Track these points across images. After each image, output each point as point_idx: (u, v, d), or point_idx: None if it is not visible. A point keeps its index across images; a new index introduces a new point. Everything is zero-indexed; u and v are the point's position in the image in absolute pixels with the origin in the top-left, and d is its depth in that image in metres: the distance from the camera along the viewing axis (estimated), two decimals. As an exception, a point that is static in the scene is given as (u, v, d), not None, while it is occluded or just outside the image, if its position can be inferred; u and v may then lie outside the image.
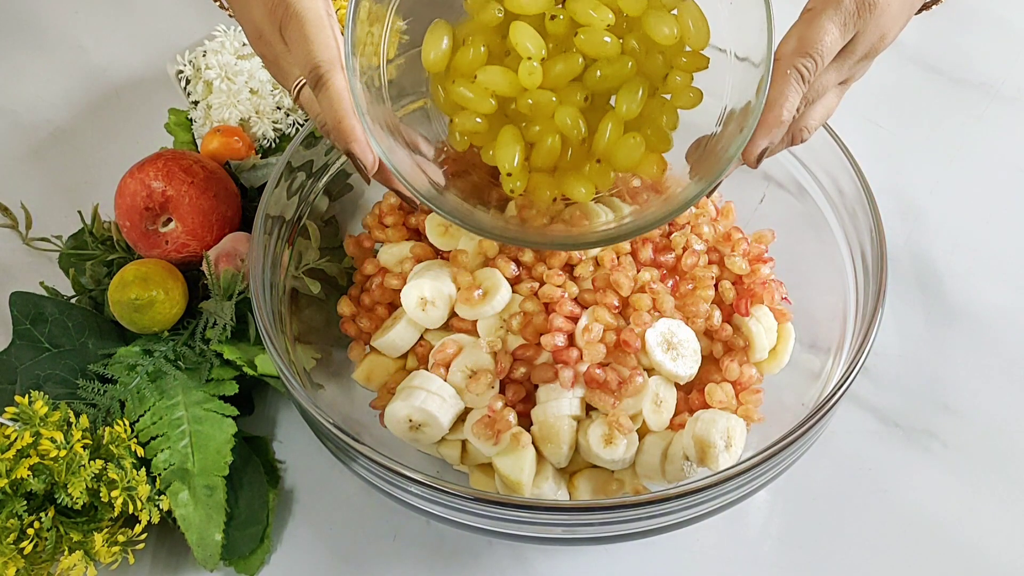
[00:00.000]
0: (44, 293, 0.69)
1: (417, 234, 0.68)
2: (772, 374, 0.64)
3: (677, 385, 0.61)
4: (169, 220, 0.68)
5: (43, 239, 0.73)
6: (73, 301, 0.69)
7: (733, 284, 0.64)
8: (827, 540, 0.62)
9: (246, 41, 0.77)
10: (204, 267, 0.67)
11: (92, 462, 0.58)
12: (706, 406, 0.60)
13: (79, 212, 0.73)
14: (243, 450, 0.63)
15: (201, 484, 0.61)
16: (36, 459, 0.56)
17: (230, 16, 0.53)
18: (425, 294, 0.61)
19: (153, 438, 0.62)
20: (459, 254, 0.63)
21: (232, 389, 0.64)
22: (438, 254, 0.66)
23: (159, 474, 0.61)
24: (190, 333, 0.66)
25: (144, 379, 0.64)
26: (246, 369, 0.64)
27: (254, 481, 0.63)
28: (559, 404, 0.59)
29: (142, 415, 0.62)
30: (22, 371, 0.64)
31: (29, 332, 0.66)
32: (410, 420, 0.58)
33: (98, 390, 0.63)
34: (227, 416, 0.63)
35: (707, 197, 0.57)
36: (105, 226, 0.72)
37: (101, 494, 0.57)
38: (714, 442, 0.57)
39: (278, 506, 0.64)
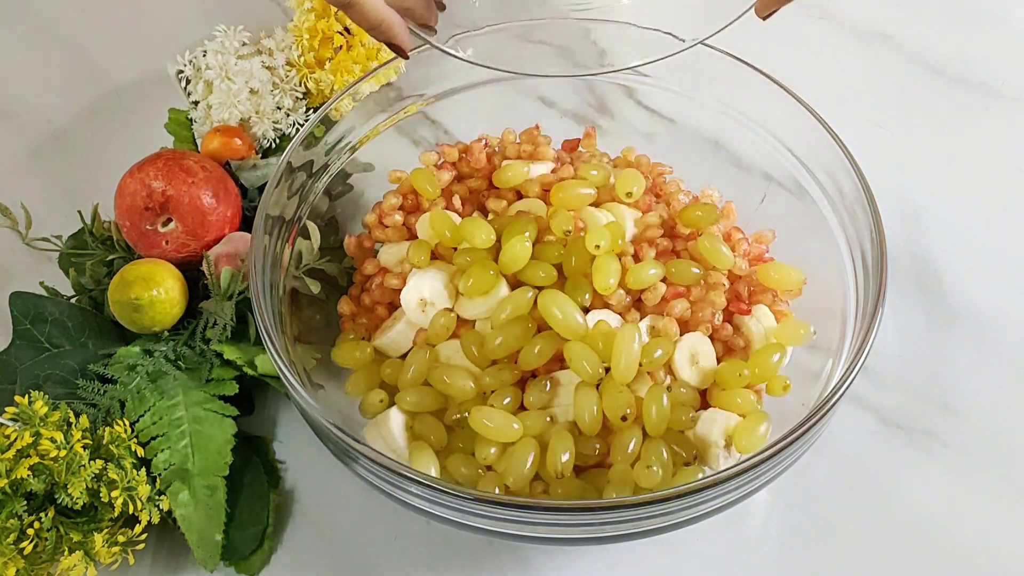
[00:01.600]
0: (44, 293, 0.69)
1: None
2: (772, 374, 0.64)
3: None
4: (169, 220, 0.68)
5: (43, 239, 0.73)
6: (73, 301, 0.69)
7: (733, 284, 0.64)
8: (827, 540, 0.62)
9: (246, 41, 0.77)
10: (204, 267, 0.67)
11: (92, 462, 0.58)
12: (706, 406, 0.60)
13: (79, 212, 0.73)
14: (243, 450, 0.63)
15: (201, 484, 0.61)
16: (36, 459, 0.56)
17: None
18: (425, 295, 0.62)
19: (153, 438, 0.62)
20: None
21: (232, 389, 0.64)
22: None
23: (159, 474, 0.61)
24: (190, 333, 0.66)
25: (144, 379, 0.64)
26: (246, 369, 0.64)
27: (254, 481, 0.63)
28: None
29: (142, 415, 0.62)
30: (22, 371, 0.64)
31: (29, 332, 0.66)
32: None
33: (98, 390, 0.63)
34: (227, 416, 0.63)
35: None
36: (105, 226, 0.72)
37: (101, 494, 0.57)
38: (714, 442, 0.57)
39: (279, 506, 0.63)
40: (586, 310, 0.60)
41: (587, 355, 0.57)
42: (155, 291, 0.64)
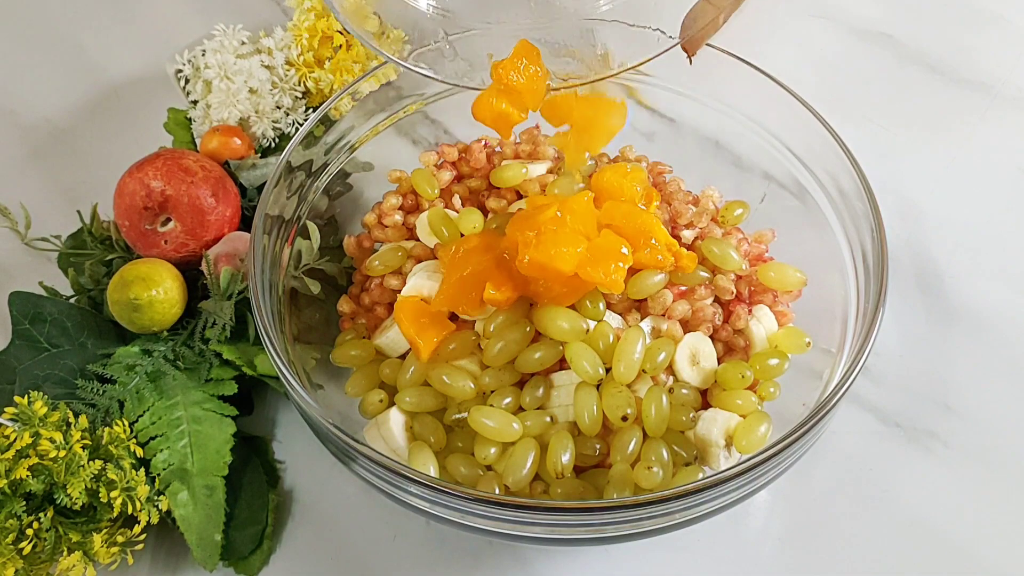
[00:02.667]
0: (43, 293, 0.69)
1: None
2: (772, 374, 0.64)
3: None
4: (168, 220, 0.68)
5: (42, 239, 0.73)
6: (72, 301, 0.69)
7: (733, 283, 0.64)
8: (828, 540, 0.62)
9: (245, 40, 0.77)
10: (203, 267, 0.67)
11: (91, 462, 0.58)
12: (707, 406, 0.60)
13: (78, 212, 0.73)
14: (242, 450, 0.63)
15: (200, 484, 0.61)
16: (35, 459, 0.56)
17: None
18: (425, 295, 0.61)
19: (152, 438, 0.61)
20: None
21: (231, 389, 0.64)
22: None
23: (158, 474, 0.60)
24: (189, 333, 0.66)
25: (143, 379, 0.63)
26: (245, 369, 0.64)
27: (254, 481, 0.63)
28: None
29: (141, 415, 0.62)
30: (21, 371, 0.64)
31: (28, 332, 0.65)
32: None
33: (97, 390, 0.63)
34: (226, 416, 0.63)
35: None
36: (104, 226, 0.72)
37: (100, 495, 0.57)
38: (715, 442, 0.57)
39: (278, 506, 0.63)
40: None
41: (588, 355, 0.57)
42: (154, 291, 0.64)
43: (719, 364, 0.61)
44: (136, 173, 0.68)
